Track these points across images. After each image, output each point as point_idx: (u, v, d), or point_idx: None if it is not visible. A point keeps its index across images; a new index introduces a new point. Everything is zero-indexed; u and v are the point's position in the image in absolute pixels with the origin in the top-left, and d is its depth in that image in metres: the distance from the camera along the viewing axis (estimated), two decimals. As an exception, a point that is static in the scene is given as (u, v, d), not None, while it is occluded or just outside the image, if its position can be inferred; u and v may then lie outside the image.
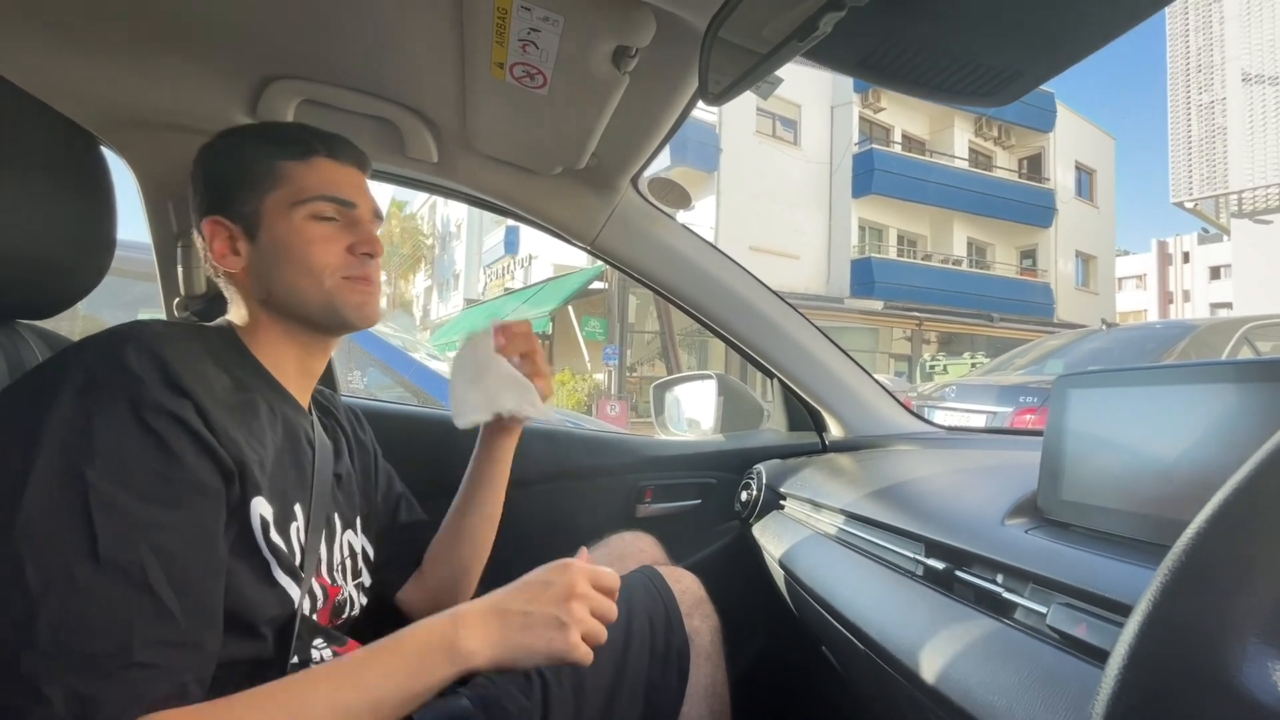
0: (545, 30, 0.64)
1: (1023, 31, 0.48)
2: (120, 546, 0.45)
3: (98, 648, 0.43)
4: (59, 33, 0.77)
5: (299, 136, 0.67)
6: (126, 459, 0.47)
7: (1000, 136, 15.86)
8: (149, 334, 0.53)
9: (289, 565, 0.58)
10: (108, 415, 0.47)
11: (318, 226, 0.64)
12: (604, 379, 11.59)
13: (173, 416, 0.49)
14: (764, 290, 1.12)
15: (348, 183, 0.67)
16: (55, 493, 0.45)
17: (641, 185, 1.05)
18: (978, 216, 14.94)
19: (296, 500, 0.62)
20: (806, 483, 1.02)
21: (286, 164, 0.65)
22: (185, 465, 0.49)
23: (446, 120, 0.91)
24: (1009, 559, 0.52)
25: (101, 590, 0.44)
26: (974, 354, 11.16)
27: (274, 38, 0.79)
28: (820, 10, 0.38)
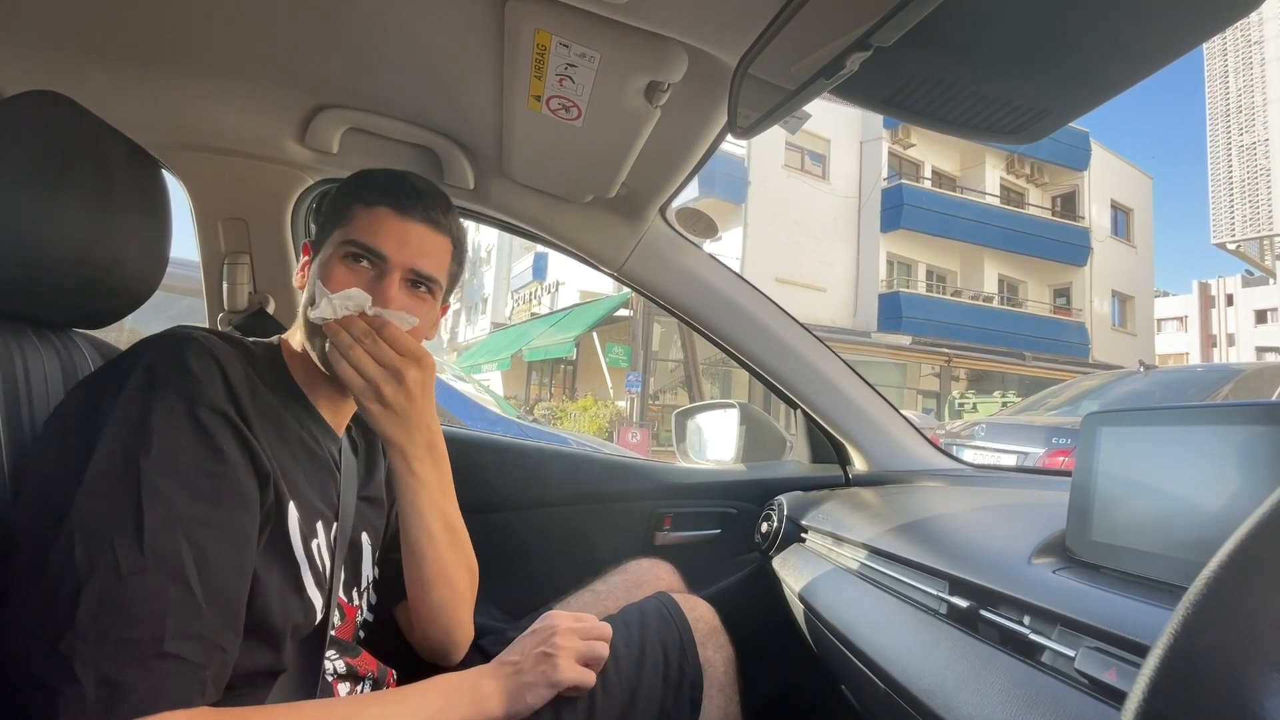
0: (582, 66, 0.67)
1: (1049, 70, 0.49)
2: (164, 536, 0.47)
3: (133, 634, 0.44)
4: (129, 62, 0.82)
5: (379, 184, 0.67)
6: (177, 452, 0.49)
7: (1033, 174, 15.73)
8: (207, 338, 0.56)
9: (319, 575, 0.59)
10: (165, 410, 0.50)
11: (343, 268, 0.64)
12: (626, 406, 11.59)
13: (224, 417, 0.52)
14: (789, 321, 1.12)
15: (395, 235, 0.65)
16: (110, 479, 0.47)
17: (670, 215, 1.07)
18: (1009, 253, 14.75)
19: (319, 519, 0.63)
20: (829, 516, 1.00)
21: (355, 207, 0.66)
22: (230, 465, 0.51)
23: (484, 149, 0.95)
24: (1036, 599, 0.50)
25: (143, 578, 0.45)
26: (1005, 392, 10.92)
27: (326, 69, 0.84)
28: (847, 50, 0.40)
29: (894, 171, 14.09)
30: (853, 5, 0.40)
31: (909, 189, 13.78)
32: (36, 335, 0.64)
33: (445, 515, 0.70)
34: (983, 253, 14.67)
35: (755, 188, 12.47)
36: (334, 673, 0.64)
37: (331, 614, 0.63)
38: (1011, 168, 15.42)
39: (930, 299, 14.18)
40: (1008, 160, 15.27)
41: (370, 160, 0.99)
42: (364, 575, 0.71)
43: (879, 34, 0.37)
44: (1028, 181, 15.81)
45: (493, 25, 0.67)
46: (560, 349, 12.55)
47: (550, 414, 11.72)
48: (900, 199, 13.53)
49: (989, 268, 14.95)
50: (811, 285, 12.91)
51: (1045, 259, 15.02)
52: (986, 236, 14.34)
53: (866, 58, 0.40)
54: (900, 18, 0.36)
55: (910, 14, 0.36)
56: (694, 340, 9.81)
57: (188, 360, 0.53)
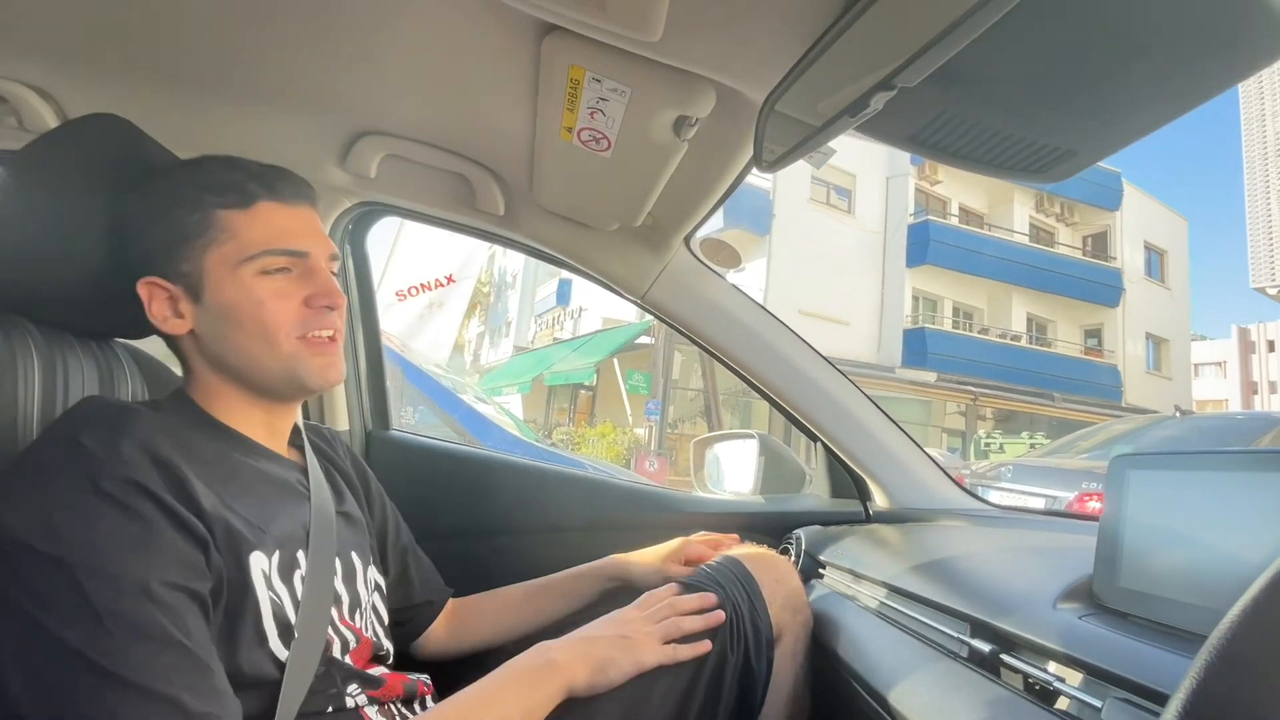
0: (613, 100, 0.69)
1: (1075, 111, 0.50)
2: (126, 605, 0.43)
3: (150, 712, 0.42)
4: (184, 87, 0.87)
5: (234, 180, 0.61)
6: (98, 532, 0.45)
7: (1063, 213, 15.58)
8: (103, 412, 0.52)
9: (284, 623, 0.55)
10: (67, 498, 0.45)
11: (268, 282, 0.59)
12: (644, 434, 11.55)
13: (136, 485, 0.47)
14: (811, 353, 1.12)
15: (297, 227, 0.61)
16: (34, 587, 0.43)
17: (694, 244, 1.08)
18: (1038, 292, 14.54)
19: (299, 548, 0.60)
20: (847, 552, 0.98)
21: (225, 214, 0.59)
22: (159, 529, 0.47)
23: (515, 177, 0.98)
24: (1061, 645, 0.49)
25: (124, 654, 0.42)
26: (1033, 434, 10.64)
27: (369, 97, 0.88)
28: (872, 89, 0.41)
29: (920, 207, 14.07)
30: (878, 46, 0.41)
31: (935, 225, 13.73)
32: (79, 343, 0.66)
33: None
34: (1010, 290, 14.48)
35: (780, 220, 12.55)
36: (357, 705, 0.62)
37: (329, 648, 0.60)
38: (1041, 206, 15.30)
39: (956, 336, 14.00)
40: (1037, 198, 15.16)
41: (406, 183, 1.02)
42: (362, 598, 0.69)
43: (903, 75, 0.38)
44: (1057, 220, 15.65)
45: (529, 59, 0.69)
46: (581, 374, 12.61)
47: (569, 439, 11.72)
48: (927, 235, 13.48)
49: (1017, 306, 14.74)
50: (835, 319, 12.84)
51: (1075, 298, 14.77)
52: (1014, 274, 14.18)
53: (891, 97, 0.41)
54: (924, 60, 0.37)
55: (934, 57, 0.37)
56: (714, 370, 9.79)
57: (82, 440, 0.48)
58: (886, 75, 0.39)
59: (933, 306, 14.41)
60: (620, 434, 11.39)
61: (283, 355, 0.59)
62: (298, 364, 0.60)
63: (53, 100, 0.89)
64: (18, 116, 0.90)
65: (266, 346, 0.59)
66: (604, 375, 12.62)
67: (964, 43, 0.36)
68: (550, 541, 1.18)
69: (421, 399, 2.72)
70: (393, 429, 1.24)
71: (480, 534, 1.13)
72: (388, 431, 1.22)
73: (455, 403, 2.78)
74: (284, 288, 0.60)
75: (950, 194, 14.71)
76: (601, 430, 11.44)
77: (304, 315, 0.60)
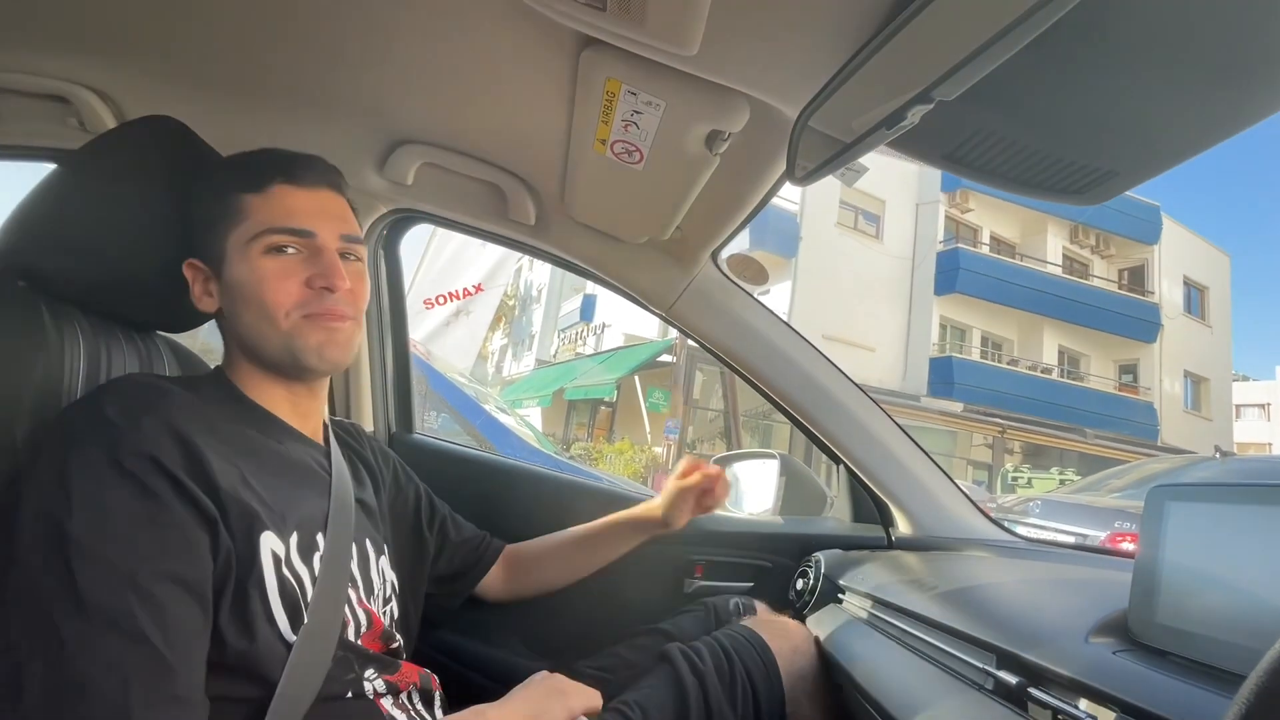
0: (647, 113, 0.70)
1: (1117, 131, 0.49)
2: (107, 595, 0.43)
3: (93, 711, 0.41)
4: (234, 92, 0.90)
5: (257, 166, 0.63)
6: (106, 506, 0.46)
7: (1098, 245, 15.25)
8: (131, 385, 0.53)
9: (293, 605, 0.55)
10: (84, 464, 0.47)
11: (273, 261, 0.60)
12: (663, 453, 11.48)
13: (152, 461, 0.48)
14: (838, 374, 1.11)
15: (306, 207, 0.62)
16: (36, 549, 0.44)
17: (721, 260, 1.08)
18: (1071, 325, 14.19)
19: (319, 530, 0.61)
20: (868, 578, 0.96)
21: (245, 197, 0.61)
22: (169, 508, 0.48)
23: (547, 188, 0.99)
24: (1094, 681, 0.47)
25: (91, 645, 0.42)
26: (1063, 469, 10.32)
27: (410, 107, 0.90)
28: (909, 102, 0.41)
29: (950, 235, 13.91)
30: (917, 59, 0.41)
31: (965, 253, 13.55)
32: (123, 334, 0.69)
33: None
34: (1042, 322, 14.17)
35: (807, 242, 12.50)
36: (374, 692, 0.62)
37: (345, 629, 0.60)
38: (1075, 237, 15.00)
39: (985, 366, 13.71)
40: (1071, 229, 14.89)
41: (441, 191, 1.05)
42: (375, 584, 0.69)
43: (941, 88, 0.38)
44: (1092, 252, 15.33)
45: (567, 71, 0.71)
46: (601, 390, 12.62)
47: (587, 454, 11.70)
48: (956, 263, 13.30)
49: (1049, 338, 14.41)
50: (860, 344, 12.69)
51: (1110, 333, 14.38)
52: (1047, 306, 13.88)
53: (928, 111, 0.41)
54: (964, 72, 0.37)
55: (974, 69, 0.36)
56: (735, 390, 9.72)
57: (105, 411, 0.49)
58: (925, 88, 0.39)
59: (961, 336, 14.16)
60: (638, 452, 11.34)
61: (282, 332, 0.60)
62: (294, 340, 0.60)
63: (112, 102, 0.93)
64: (79, 117, 0.95)
65: (268, 324, 0.60)
66: (624, 392, 12.62)
67: (1005, 56, 0.36)
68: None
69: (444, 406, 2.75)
70: (416, 432, 1.26)
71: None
72: (411, 435, 1.23)
73: (477, 411, 2.80)
74: (287, 267, 0.61)
75: (981, 222, 14.51)
76: (619, 447, 11.40)
77: (306, 295, 0.61)
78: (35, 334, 0.59)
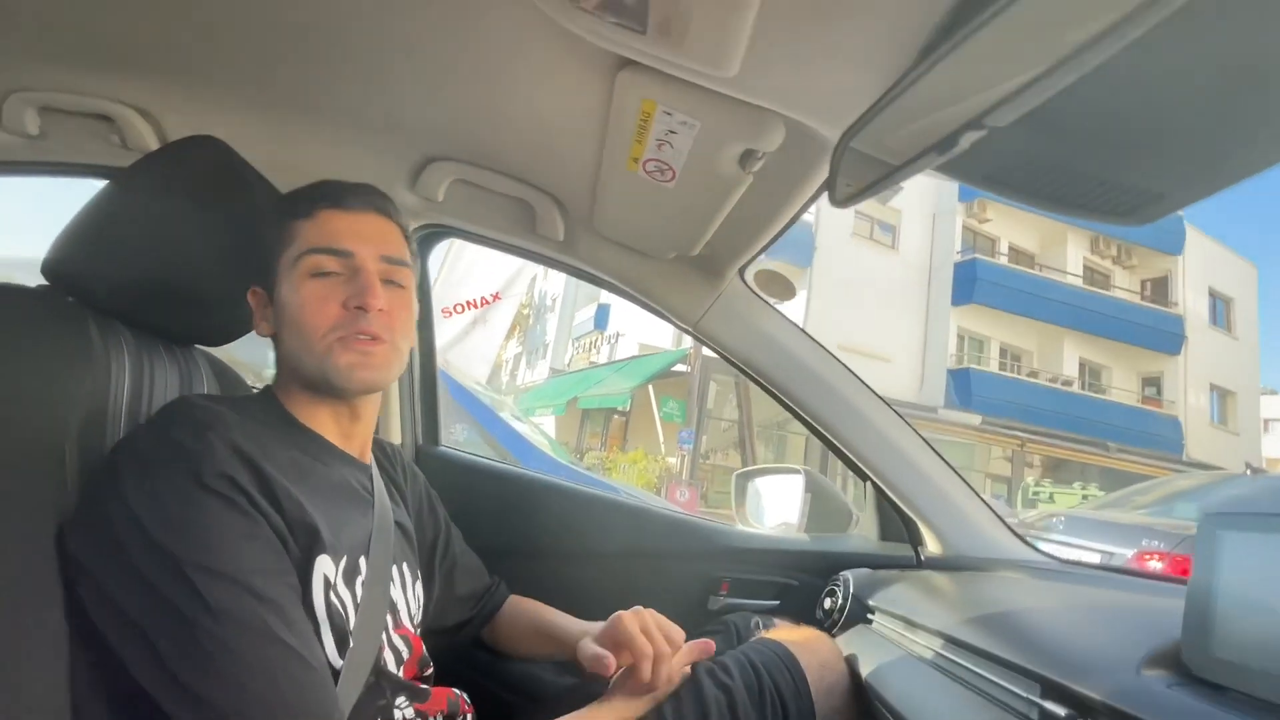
0: (682, 133, 0.71)
1: (1168, 153, 0.48)
2: (234, 605, 0.47)
3: (253, 709, 0.45)
4: (271, 111, 0.92)
5: (310, 195, 0.65)
6: (207, 525, 0.48)
7: (1120, 255, 15.03)
8: (193, 409, 0.55)
9: (340, 631, 0.56)
10: (174, 489, 0.49)
11: (315, 283, 0.61)
12: (676, 463, 11.43)
13: (230, 479, 0.50)
14: (866, 391, 1.10)
15: (349, 229, 0.63)
16: (162, 577, 0.46)
17: (748, 275, 1.08)
18: (1092, 336, 13.97)
19: (362, 553, 0.62)
20: (899, 598, 0.95)
21: (295, 223, 0.64)
22: (258, 522, 0.51)
23: (577, 204, 1.00)
24: (1149, 716, 0.46)
25: (234, 651, 0.46)
26: (1085, 484, 10.12)
27: (443, 124, 0.91)
28: (961, 129, 0.40)
29: (968, 245, 13.78)
30: (969, 84, 0.41)
31: (983, 264, 13.42)
32: (164, 348, 0.70)
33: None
34: (1062, 334, 13.97)
35: (822, 252, 12.46)
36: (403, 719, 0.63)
37: (380, 658, 0.61)
38: (1096, 248, 14.80)
39: (1003, 378, 13.53)
40: (1092, 240, 14.69)
41: (471, 207, 1.06)
42: (412, 608, 0.70)
43: (995, 114, 0.38)
44: (1114, 263, 15.11)
45: (601, 92, 0.71)
46: (615, 399, 12.63)
47: (600, 463, 11.69)
48: (974, 273, 13.17)
49: (1069, 350, 14.19)
50: (876, 355, 12.58)
51: (1133, 345, 14.12)
52: (1067, 317, 13.67)
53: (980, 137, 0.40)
54: (1020, 100, 0.36)
55: (1031, 96, 0.36)
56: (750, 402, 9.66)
57: (174, 434, 0.51)
58: (978, 115, 0.39)
59: (979, 347, 14.00)
60: (652, 461, 11.31)
61: (317, 354, 0.61)
62: (327, 361, 0.61)
63: (153, 120, 0.96)
64: (121, 135, 0.97)
65: (306, 345, 0.61)
66: (638, 401, 12.61)
67: (1066, 82, 0.35)
68: (591, 566, 1.18)
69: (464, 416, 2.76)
70: (441, 447, 1.26)
71: (522, 555, 1.13)
72: (437, 447, 1.24)
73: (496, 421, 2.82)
74: (327, 290, 0.62)
75: (1000, 232, 14.37)
76: (633, 456, 11.38)
77: (341, 317, 0.61)
78: (84, 348, 0.60)
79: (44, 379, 0.56)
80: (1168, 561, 2.94)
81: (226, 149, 0.74)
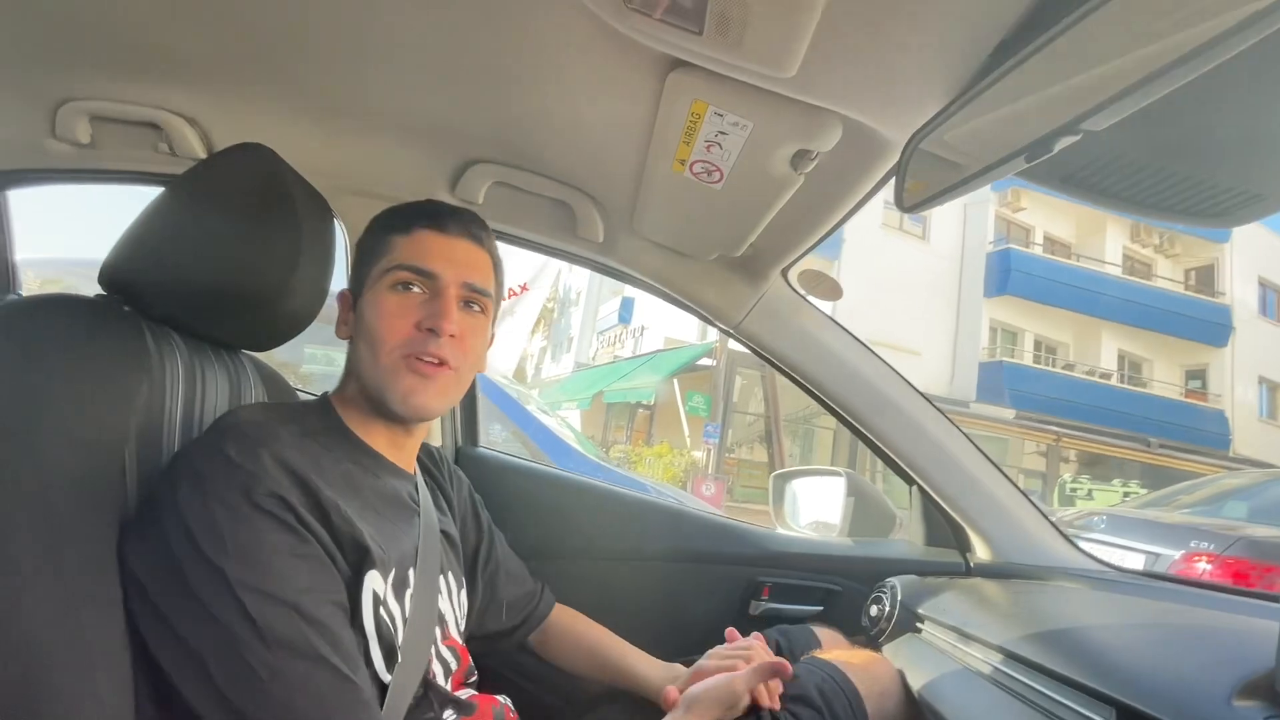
0: (733, 134, 0.69)
1: (1271, 152, 0.45)
2: (282, 626, 0.47)
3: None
4: (315, 117, 0.93)
5: (411, 212, 0.67)
6: (259, 545, 0.49)
7: (1163, 244, 14.48)
8: (247, 425, 0.55)
9: (389, 645, 0.57)
10: (227, 508, 0.49)
11: (395, 298, 0.62)
12: (702, 456, 11.40)
13: (281, 499, 0.51)
14: (911, 391, 1.07)
15: (439, 251, 0.64)
16: (212, 596, 0.47)
17: (791, 276, 1.06)
18: (1132, 328, 13.50)
19: (410, 565, 0.62)
20: (950, 608, 0.92)
21: (393, 237, 0.65)
22: (307, 541, 0.51)
23: (618, 206, 0.98)
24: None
25: (282, 672, 0.46)
26: (1125, 481, 9.82)
27: (483, 129, 0.91)
28: (1053, 133, 0.38)
29: (1001, 235, 13.41)
30: (1060, 87, 0.38)
31: (1017, 253, 13.06)
32: (214, 354, 0.71)
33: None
34: (1100, 325, 13.53)
35: (850, 244, 12.24)
36: None
37: (429, 670, 0.61)
38: (1137, 236, 14.28)
39: (1038, 371, 13.17)
40: (1133, 228, 14.17)
41: (512, 209, 1.05)
42: (459, 617, 0.70)
43: (1093, 119, 0.36)
44: (1156, 251, 14.56)
45: (650, 93, 0.70)
46: (640, 393, 12.62)
47: (625, 458, 11.72)
48: (1008, 264, 12.82)
49: (1107, 342, 13.74)
50: (905, 348, 12.34)
51: (1176, 336, 13.60)
52: (1105, 308, 13.23)
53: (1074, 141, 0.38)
54: (1123, 104, 0.34)
55: (1135, 99, 0.34)
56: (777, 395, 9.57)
57: (229, 454, 0.51)
58: (1073, 119, 0.36)
59: (1012, 339, 13.64)
60: (677, 455, 11.29)
61: (381, 368, 0.61)
62: (388, 380, 0.61)
63: (200, 128, 0.97)
64: (169, 143, 0.99)
65: (372, 357, 0.62)
66: (663, 395, 12.58)
67: (1174, 85, 0.33)
68: (629, 569, 1.17)
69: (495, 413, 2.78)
70: (480, 447, 1.27)
71: (561, 557, 1.13)
72: (476, 448, 1.24)
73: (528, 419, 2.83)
74: (405, 307, 0.62)
75: (1034, 222, 13.95)
76: (658, 450, 11.37)
77: (414, 336, 0.61)
78: (141, 357, 0.61)
79: (105, 388, 0.57)
80: (1218, 564, 2.82)
81: (273, 155, 0.74)
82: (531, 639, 0.89)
